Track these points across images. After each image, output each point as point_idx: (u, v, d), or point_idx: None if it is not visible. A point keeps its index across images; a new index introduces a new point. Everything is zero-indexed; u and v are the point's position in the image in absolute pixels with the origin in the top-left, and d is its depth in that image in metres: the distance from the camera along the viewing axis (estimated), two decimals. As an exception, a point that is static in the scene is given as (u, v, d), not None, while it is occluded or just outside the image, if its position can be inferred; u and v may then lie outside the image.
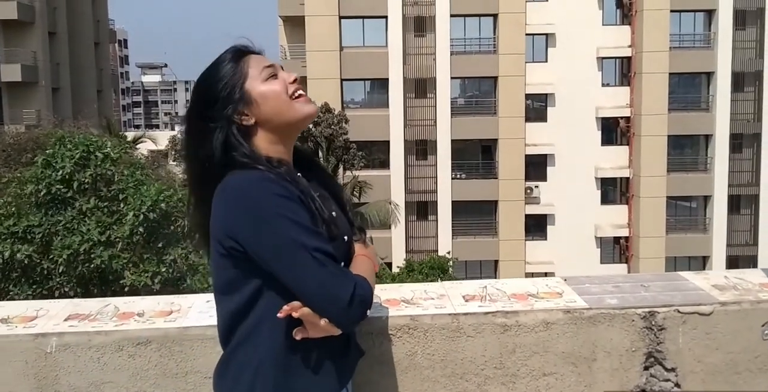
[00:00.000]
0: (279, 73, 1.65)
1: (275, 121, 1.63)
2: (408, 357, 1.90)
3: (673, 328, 1.91)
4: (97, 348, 1.87)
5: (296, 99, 1.64)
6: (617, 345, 1.91)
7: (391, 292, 2.07)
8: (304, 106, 1.65)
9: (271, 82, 1.63)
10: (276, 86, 1.63)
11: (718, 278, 2.09)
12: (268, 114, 1.62)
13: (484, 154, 30.54)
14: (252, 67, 1.63)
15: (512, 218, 29.61)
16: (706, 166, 30.80)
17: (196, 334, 1.89)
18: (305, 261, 1.49)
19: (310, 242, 1.50)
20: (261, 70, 1.63)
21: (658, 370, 1.91)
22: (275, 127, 1.63)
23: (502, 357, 1.90)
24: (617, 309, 1.91)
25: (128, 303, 2.08)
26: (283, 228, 1.50)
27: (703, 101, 30.79)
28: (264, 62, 1.64)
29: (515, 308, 1.92)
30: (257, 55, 1.66)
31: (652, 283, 2.07)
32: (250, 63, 1.63)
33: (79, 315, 1.99)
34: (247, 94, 1.61)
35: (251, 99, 1.61)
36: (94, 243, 9.43)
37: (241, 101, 1.60)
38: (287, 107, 1.63)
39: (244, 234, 1.52)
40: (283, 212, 1.51)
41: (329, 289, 1.50)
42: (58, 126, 22.72)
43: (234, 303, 1.60)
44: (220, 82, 1.61)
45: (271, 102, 1.61)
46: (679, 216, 31.39)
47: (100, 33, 42.03)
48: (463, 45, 29.77)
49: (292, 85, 1.64)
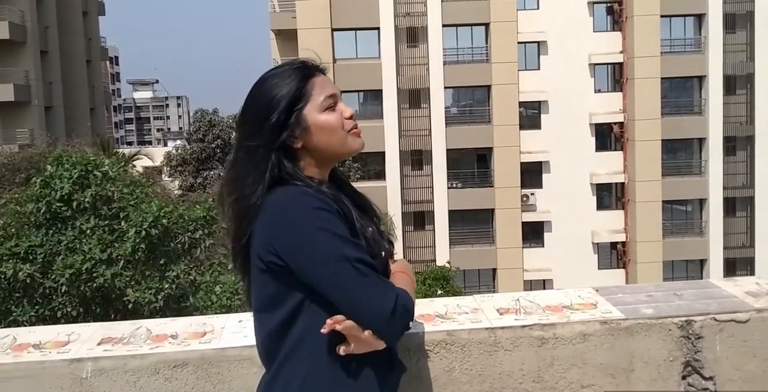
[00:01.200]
0: (338, 104, 1.64)
1: (323, 151, 1.64)
2: (446, 373, 1.89)
3: (710, 336, 1.90)
4: (133, 372, 1.86)
5: (349, 132, 1.64)
6: (655, 355, 1.90)
7: (423, 307, 2.06)
8: (355, 141, 1.66)
9: (329, 114, 1.61)
10: (333, 119, 1.62)
11: (750, 285, 2.09)
12: (318, 144, 1.62)
13: (480, 162, 30.60)
14: (315, 93, 1.61)
15: (509, 226, 29.64)
16: (701, 169, 30.93)
17: (233, 355, 1.87)
18: (346, 272, 1.49)
19: (350, 253, 1.50)
20: (323, 98, 1.61)
21: (696, 379, 1.91)
22: (321, 155, 1.64)
23: (540, 371, 1.89)
24: (654, 318, 1.91)
25: (160, 325, 2.07)
26: (323, 240, 1.50)
27: (695, 104, 30.97)
28: (328, 89, 1.62)
29: (552, 320, 1.91)
30: (322, 78, 1.64)
31: (684, 291, 2.07)
32: (315, 87, 1.61)
33: (112, 338, 1.97)
34: (304, 121, 1.60)
35: (307, 126, 1.60)
36: (96, 262, 9.39)
37: (297, 126, 1.59)
38: (339, 141, 1.63)
39: (284, 247, 1.52)
40: (323, 225, 1.51)
41: (372, 300, 1.50)
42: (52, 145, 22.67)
43: (275, 319, 1.59)
44: (281, 101, 1.58)
45: (325, 135, 1.61)
46: (675, 220, 31.47)
47: (91, 51, 42.07)
48: (455, 55, 29.91)
49: (348, 121, 1.64)
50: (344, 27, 29.23)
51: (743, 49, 30.44)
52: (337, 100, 1.64)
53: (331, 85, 1.64)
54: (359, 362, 1.57)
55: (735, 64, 30.27)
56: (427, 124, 29.73)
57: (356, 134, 1.65)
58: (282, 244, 1.53)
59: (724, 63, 30.08)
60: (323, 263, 1.50)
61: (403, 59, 29.58)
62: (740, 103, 30.71)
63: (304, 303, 1.56)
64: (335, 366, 1.57)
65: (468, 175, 30.52)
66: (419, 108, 29.78)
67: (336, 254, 1.50)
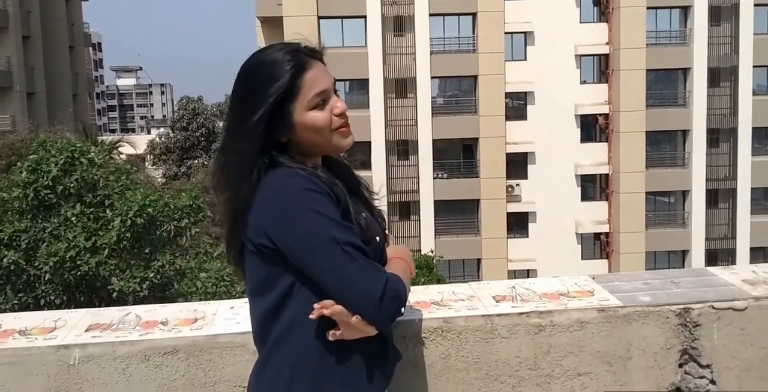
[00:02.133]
0: (330, 100, 1.58)
1: (307, 148, 1.60)
2: (441, 360, 1.86)
3: (708, 324, 1.89)
4: (122, 359, 1.81)
5: (336, 130, 1.59)
6: (652, 342, 1.89)
7: (419, 294, 2.03)
8: (342, 139, 1.61)
9: (317, 112, 1.56)
10: (320, 118, 1.56)
11: (746, 273, 2.08)
12: (303, 140, 1.59)
13: (465, 153, 30.60)
14: (304, 91, 1.54)
15: (494, 216, 29.71)
16: (684, 161, 31.13)
17: (225, 342, 1.84)
18: (335, 255, 1.46)
19: (340, 236, 1.47)
20: (312, 96, 1.55)
21: (693, 367, 1.90)
22: (307, 150, 1.61)
23: (537, 358, 1.87)
24: (651, 306, 1.89)
25: (149, 311, 2.02)
26: (313, 222, 1.47)
27: (680, 96, 31.11)
28: (320, 83, 1.56)
29: (549, 307, 1.89)
30: (316, 70, 1.57)
31: (681, 279, 2.05)
32: (305, 83, 1.54)
33: (100, 324, 1.93)
34: (290, 118, 1.55)
35: (292, 124, 1.56)
36: (81, 250, 9.28)
37: (282, 123, 1.55)
38: (324, 140, 1.59)
39: (274, 229, 1.49)
40: (313, 206, 1.48)
41: (360, 284, 1.47)
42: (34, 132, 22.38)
43: (267, 303, 1.56)
44: (270, 97, 1.52)
45: (310, 133, 1.57)
46: (659, 211, 31.69)
47: (74, 36, 41.54)
48: (442, 44, 29.81)
49: (337, 119, 1.58)
50: (331, 15, 29.03)
51: (728, 41, 30.58)
52: (328, 95, 1.58)
53: (324, 78, 1.58)
54: (351, 348, 1.54)
55: (719, 57, 30.42)
56: (413, 114, 29.66)
57: (343, 133, 1.60)
58: (272, 226, 1.50)
59: (708, 55, 30.22)
60: (312, 246, 1.47)
61: (389, 48, 29.45)
62: (724, 95, 30.88)
63: (294, 287, 1.53)
64: (326, 352, 1.54)
65: (454, 165, 30.53)
66: (405, 98, 29.69)
67: (325, 237, 1.47)
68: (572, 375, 1.88)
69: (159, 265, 9.62)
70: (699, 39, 30.07)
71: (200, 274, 9.85)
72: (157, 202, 9.87)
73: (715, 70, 30.46)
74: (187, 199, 10.64)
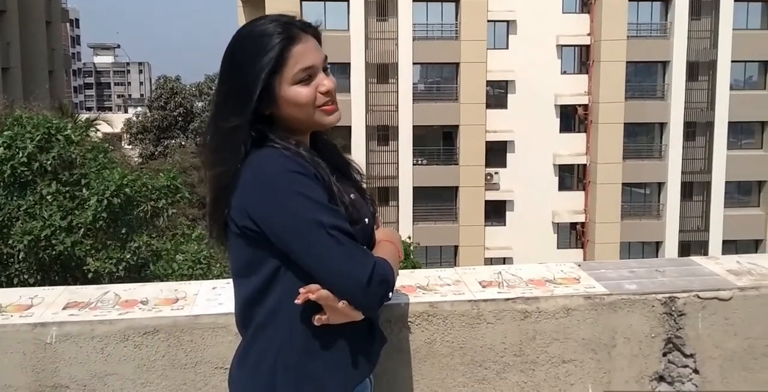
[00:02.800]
0: (317, 77, 1.53)
1: (289, 123, 1.56)
2: (426, 345, 1.85)
3: (693, 314, 1.89)
4: (100, 338, 1.77)
5: (320, 107, 1.54)
6: (637, 331, 1.89)
7: (404, 278, 2.01)
8: (324, 117, 1.56)
9: (301, 87, 1.51)
10: (303, 94, 1.51)
11: (731, 264, 2.09)
12: (285, 115, 1.54)
13: (445, 140, 30.61)
14: (290, 64, 1.50)
15: (472, 204, 29.81)
16: (661, 153, 31.41)
17: (207, 323, 1.80)
18: (321, 239, 1.43)
19: (326, 219, 1.44)
20: (297, 71, 1.50)
21: (676, 356, 1.90)
22: (288, 125, 1.56)
23: (522, 344, 1.86)
24: (637, 294, 1.89)
25: (129, 290, 1.98)
26: (299, 205, 1.44)
27: (658, 89, 31.33)
28: (307, 59, 1.52)
29: (535, 294, 1.88)
30: (305, 44, 1.52)
31: (666, 268, 2.05)
32: (293, 55, 1.50)
33: (78, 302, 1.88)
34: (273, 91, 1.50)
35: (274, 98, 1.51)
36: (56, 229, 9.14)
37: (266, 96, 1.50)
38: (307, 116, 1.54)
39: (259, 212, 1.46)
40: (299, 189, 1.44)
41: (347, 268, 1.43)
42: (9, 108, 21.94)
43: (251, 286, 1.53)
44: (257, 72, 1.48)
45: (293, 108, 1.53)
46: (634, 202, 32.00)
47: (51, 11, 40.69)
48: (425, 30, 29.68)
49: (322, 96, 1.54)
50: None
51: (707, 36, 30.79)
52: (315, 71, 1.54)
53: (313, 53, 1.54)
54: (337, 332, 1.51)
55: (698, 51, 30.63)
56: (394, 99, 29.56)
57: (327, 111, 1.56)
58: (256, 209, 1.46)
59: (688, 49, 30.42)
60: (297, 229, 1.44)
61: (372, 33, 29.25)
62: (702, 89, 31.14)
63: (279, 270, 1.50)
64: (312, 337, 1.51)
65: (433, 152, 30.53)
66: (387, 83, 29.56)
67: (311, 221, 1.43)
68: (557, 362, 1.87)
69: (135, 246, 9.51)
70: (679, 32, 30.25)
71: (177, 256, 9.75)
72: (135, 182, 9.74)
73: (693, 64, 30.69)
74: (165, 179, 10.51)
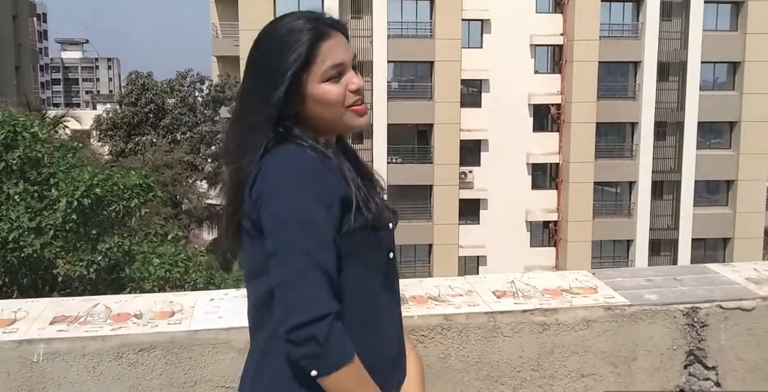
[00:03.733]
0: (346, 74, 1.45)
1: (317, 123, 1.46)
2: (441, 360, 1.75)
3: (715, 325, 1.82)
4: (92, 356, 1.65)
5: (350, 108, 1.46)
6: (658, 343, 1.81)
7: (414, 288, 1.91)
8: (355, 119, 1.47)
9: (330, 85, 1.43)
10: (332, 92, 1.43)
11: (748, 271, 2.02)
12: (312, 115, 1.45)
13: (420, 139, 30.57)
14: (319, 60, 1.42)
15: (447, 202, 29.83)
16: (632, 153, 31.73)
17: (207, 338, 1.68)
18: (300, 259, 1.32)
19: (319, 227, 1.34)
20: (326, 68, 1.42)
21: (697, 369, 1.83)
22: (316, 126, 1.47)
23: (540, 358, 1.78)
24: (658, 305, 1.81)
25: (120, 302, 1.85)
26: (301, 200, 1.34)
27: (629, 89, 31.65)
28: (336, 55, 1.44)
29: (553, 305, 1.80)
30: (335, 40, 1.44)
31: (684, 277, 1.98)
32: (322, 51, 1.42)
33: (66, 317, 1.75)
34: (302, 89, 1.42)
35: (303, 96, 1.42)
36: (24, 230, 8.86)
37: (295, 93, 1.42)
38: (336, 116, 1.45)
39: (266, 202, 1.36)
40: (310, 185, 1.35)
41: (295, 297, 1.31)
42: (-26, 104, 21.38)
43: (261, 288, 1.42)
44: (285, 68, 1.40)
45: (321, 107, 1.44)
46: (606, 201, 32.29)
47: (18, 5, 39.82)
48: (399, 29, 29.61)
49: (352, 95, 1.45)
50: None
51: (678, 37, 31.17)
52: (345, 69, 1.46)
53: (342, 50, 1.45)
54: (368, 344, 1.40)
55: (669, 52, 31.00)
56: (368, 97, 29.42)
57: (357, 111, 1.47)
58: (267, 198, 1.37)
59: (659, 50, 30.77)
60: (286, 224, 1.33)
61: (347, 30, 29.05)
62: (672, 89, 31.52)
63: None
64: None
65: (408, 150, 30.47)
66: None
67: (306, 224, 1.33)
68: (576, 376, 1.79)
69: (107, 247, 9.25)
70: (650, 33, 30.58)
71: (153, 259, 9.51)
72: (106, 181, 9.48)
73: (664, 65, 31.04)
74: (137, 178, 10.25)
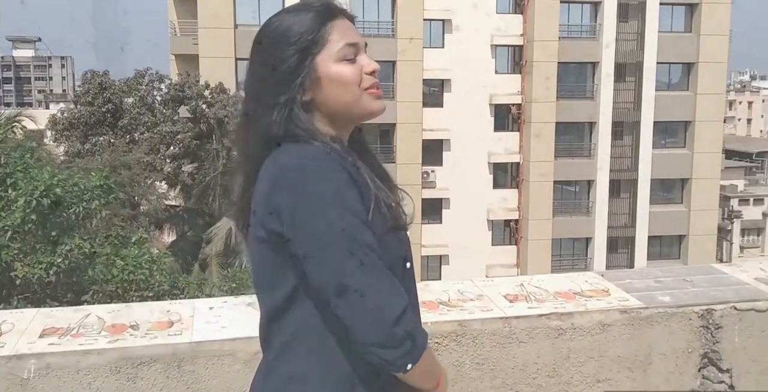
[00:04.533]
0: (360, 55, 1.38)
1: (333, 108, 1.37)
2: (455, 368, 1.68)
3: (730, 326, 1.80)
4: (87, 371, 1.54)
5: (367, 90, 1.37)
6: (674, 346, 1.78)
7: (422, 293, 1.83)
8: (372, 102, 1.39)
9: (345, 65, 1.36)
10: (349, 71, 1.36)
11: (755, 271, 2.00)
12: (328, 99, 1.36)
13: (383, 138, 30.52)
14: (333, 39, 1.34)
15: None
16: (590, 152, 32.22)
17: (211, 350, 1.59)
18: (351, 258, 1.22)
19: (360, 234, 1.24)
20: (342, 46, 1.35)
21: (712, 371, 1.80)
22: (332, 112, 1.38)
23: (556, 364, 1.72)
24: (673, 307, 1.78)
25: (113, 312, 1.74)
26: (337, 214, 1.24)
27: (588, 89, 32.12)
28: (350, 36, 1.37)
29: (568, 309, 1.75)
30: (346, 22, 1.37)
31: (694, 277, 1.95)
32: (335, 31, 1.35)
33: (57, 329, 1.63)
34: (316, 69, 1.34)
35: (317, 77, 1.34)
36: (-20, 232, 8.55)
37: (307, 75, 1.33)
38: (352, 99, 1.37)
39: (288, 213, 1.26)
40: (342, 196, 1.25)
41: (373, 296, 1.22)
42: None
43: (273, 301, 1.33)
44: (293, 44, 1.32)
45: (337, 88, 1.35)
46: (565, 200, 32.74)
47: (-35, 1, 38.59)
48: (362, 27, 29.28)
49: (369, 77, 1.38)
50: (247, -9, 28.15)
51: (634, 38, 31.76)
52: (359, 50, 1.38)
53: (354, 32, 1.39)
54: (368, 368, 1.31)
55: (626, 53, 31.56)
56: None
57: (374, 94, 1.39)
58: (287, 209, 1.26)
59: (616, 50, 31.30)
60: (325, 241, 1.23)
61: (308, 29, 28.84)
62: (629, 89, 32.12)
63: (302, 287, 1.30)
64: (344, 365, 1.31)
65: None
66: (323, 81, 29.21)
67: (346, 235, 1.23)
68: (591, 381, 1.74)
69: (67, 249, 8.98)
70: (607, 34, 31.09)
71: (116, 261, 9.26)
72: (66, 181, 9.20)
73: (621, 65, 31.60)
74: (98, 179, 9.98)
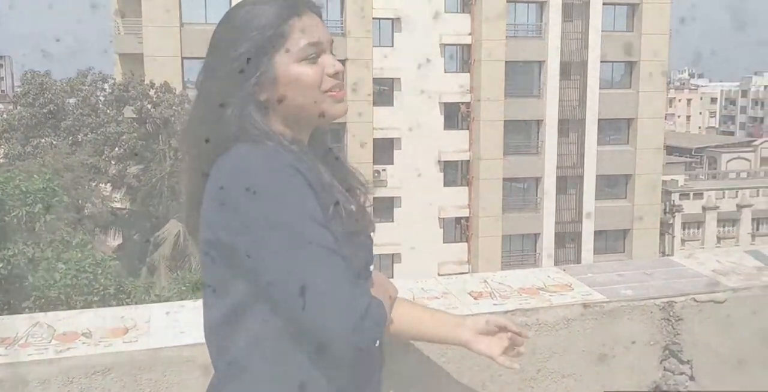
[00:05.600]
0: (323, 56, 1.29)
1: (291, 110, 1.29)
2: (421, 367, 1.66)
3: (690, 318, 1.82)
4: (37, 383, 1.46)
5: (327, 93, 1.29)
6: (636, 339, 1.79)
7: (385, 292, 1.81)
8: (333, 105, 1.31)
9: (306, 66, 1.27)
10: (309, 73, 1.27)
11: (711, 263, 2.04)
12: (286, 101, 1.28)
13: (333, 137, 30.41)
14: (294, 37, 1.26)
15: (361, 201, 29.81)
16: (537, 149, 32.77)
17: (170, 357, 1.53)
18: (312, 256, 1.17)
19: (316, 236, 1.18)
20: (303, 45, 1.26)
21: (673, 363, 1.82)
22: (290, 114, 1.30)
23: (521, 360, 1.71)
24: (636, 300, 1.79)
25: (63, 319, 1.66)
26: (290, 215, 1.18)
27: (535, 88, 32.64)
28: (313, 34, 1.28)
29: (533, 305, 1.74)
30: (311, 19, 1.29)
31: (653, 270, 1.97)
32: (296, 29, 1.26)
33: (3, 338, 1.55)
34: (273, 69, 1.25)
35: (274, 77, 1.26)
36: None
37: (264, 74, 1.25)
38: (311, 101, 1.29)
39: (239, 215, 1.18)
40: (284, 194, 1.18)
41: (338, 295, 1.17)
42: None
43: (221, 310, 1.25)
44: (250, 40, 1.24)
45: (295, 90, 1.27)
46: (514, 197, 33.22)
47: None
48: (309, 26, 29.33)
49: (330, 79, 1.29)
50: (192, -11, 27.70)
51: (579, 37, 32.41)
52: (322, 50, 1.30)
53: (319, 29, 1.30)
54: (333, 369, 1.25)
55: (571, 51, 32.18)
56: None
57: (335, 97, 1.31)
58: (225, 215, 1.19)
59: (561, 49, 31.89)
60: (278, 241, 1.17)
61: (255, 28, 28.54)
62: (574, 88, 32.77)
63: (254, 296, 1.22)
64: (303, 376, 1.24)
65: (320, 149, 30.26)
66: (272, 80, 28.96)
67: (299, 235, 1.17)
68: (557, 377, 1.74)
69: (9, 255, 8.67)
70: (553, 33, 31.65)
71: (58, 265, 8.96)
72: (7, 184, 8.89)
73: (566, 64, 32.21)
74: (40, 182, 9.67)
